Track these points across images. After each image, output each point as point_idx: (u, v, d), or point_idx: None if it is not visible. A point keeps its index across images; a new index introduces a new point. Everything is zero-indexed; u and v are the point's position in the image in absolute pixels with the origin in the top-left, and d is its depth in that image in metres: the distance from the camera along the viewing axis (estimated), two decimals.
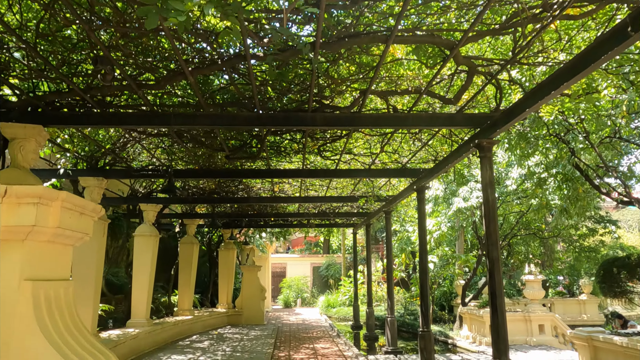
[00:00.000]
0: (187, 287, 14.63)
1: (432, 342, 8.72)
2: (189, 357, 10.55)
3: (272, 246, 26.18)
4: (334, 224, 18.71)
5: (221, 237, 18.75)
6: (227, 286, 17.71)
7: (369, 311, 15.10)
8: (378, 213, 13.56)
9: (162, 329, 11.98)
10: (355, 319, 17.95)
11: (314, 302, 27.52)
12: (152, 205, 11.91)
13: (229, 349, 11.75)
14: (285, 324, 18.29)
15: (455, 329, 15.14)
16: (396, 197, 11.23)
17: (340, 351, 11.90)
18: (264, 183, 11.65)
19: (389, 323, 11.81)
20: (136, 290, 11.43)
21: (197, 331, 14.69)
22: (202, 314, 15.26)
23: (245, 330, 15.48)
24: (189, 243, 14.91)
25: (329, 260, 29.53)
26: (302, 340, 13.82)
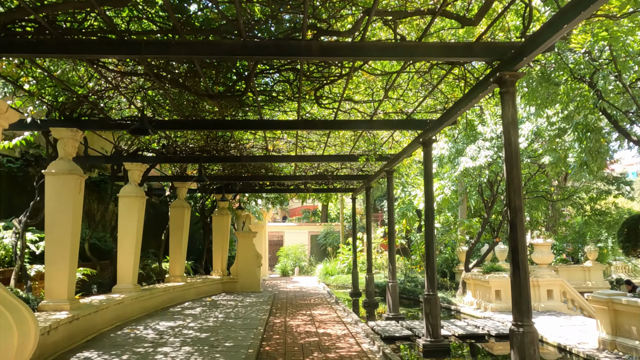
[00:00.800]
0: (178, 253, 13.97)
1: (439, 307, 8.07)
2: (178, 323, 9.94)
3: (269, 214, 25.51)
4: (333, 189, 17.97)
5: (215, 203, 18.03)
6: (222, 253, 17.09)
7: (368, 277, 14.51)
8: (379, 174, 12.77)
9: (150, 295, 11.35)
10: (354, 286, 17.42)
11: (312, 271, 27.08)
12: (137, 165, 11.09)
13: (222, 315, 11.16)
14: (282, 292, 17.77)
15: (458, 295, 14.60)
16: (399, 154, 10.42)
17: (339, 317, 11.32)
18: (257, 140, 10.81)
19: (390, 288, 11.19)
20: (122, 254, 10.73)
21: (189, 298, 14.11)
22: (195, 281, 14.66)
23: (240, 297, 14.92)
24: (179, 207, 14.17)
25: (327, 229, 28.94)
26: (299, 307, 13.25)
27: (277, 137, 10.32)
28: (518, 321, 4.96)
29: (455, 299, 14.09)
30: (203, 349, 7.46)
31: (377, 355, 7.41)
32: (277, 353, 7.66)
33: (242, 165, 13.59)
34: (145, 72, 6.48)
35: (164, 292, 12.28)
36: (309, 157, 11.69)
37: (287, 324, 10.40)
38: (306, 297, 15.76)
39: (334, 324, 10.41)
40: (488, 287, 12.17)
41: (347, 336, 8.96)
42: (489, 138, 11.70)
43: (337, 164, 13.73)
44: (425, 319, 8.09)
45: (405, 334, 9.17)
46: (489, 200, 13.76)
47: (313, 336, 9.00)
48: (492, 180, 13.23)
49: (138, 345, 7.65)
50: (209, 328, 9.35)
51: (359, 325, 9.86)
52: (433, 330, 7.98)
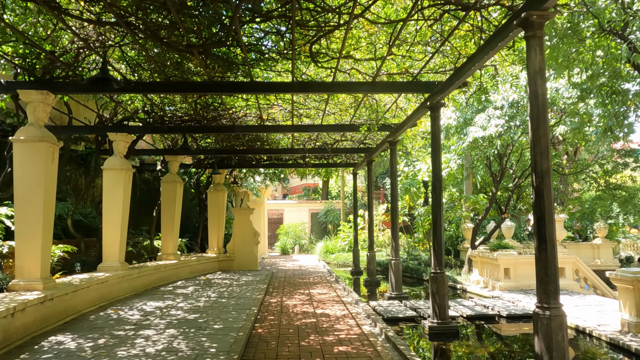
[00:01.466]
0: (171, 229, 13.32)
1: (446, 286, 7.40)
2: (167, 303, 9.33)
3: (268, 191, 24.83)
4: (333, 164, 17.22)
5: (210, 179, 17.32)
6: (217, 230, 16.46)
7: (370, 255, 13.88)
8: (381, 146, 11.99)
9: (139, 273, 10.73)
10: (355, 264, 16.83)
11: (312, 249, 26.54)
12: (122, 135, 10.34)
13: (215, 294, 10.55)
14: (281, 270, 17.20)
15: (463, 273, 13.99)
16: (404, 122, 9.63)
17: (339, 297, 10.71)
18: (249, 107, 10.01)
19: (393, 266, 10.54)
20: (107, 230, 10.07)
21: (183, 277, 13.53)
22: (189, 259, 14.06)
23: (237, 276, 14.34)
24: (171, 182, 13.47)
25: (328, 206, 28.28)
26: (297, 286, 12.66)
27: (271, 103, 9.52)
28: (544, 303, 4.27)
29: (461, 278, 13.48)
30: (189, 331, 6.83)
31: (379, 339, 6.78)
32: (270, 336, 7.03)
33: (236, 137, 12.83)
34: (116, 21, 5.67)
35: (154, 270, 11.66)
36: (306, 127, 10.91)
37: (284, 304, 9.79)
38: (305, 276, 15.18)
39: (333, 303, 9.80)
40: (496, 265, 11.52)
41: (347, 317, 8.33)
42: (499, 106, 10.87)
43: (337, 136, 12.94)
44: (432, 299, 7.43)
45: (410, 314, 8.53)
46: (498, 175, 13.01)
47: (310, 317, 8.38)
48: (502, 152, 12.45)
49: (119, 328, 7.03)
50: (199, 309, 8.73)
51: (360, 305, 9.24)
52: (440, 311, 7.33)
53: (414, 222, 20.16)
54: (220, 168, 16.30)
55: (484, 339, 7.81)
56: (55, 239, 10.63)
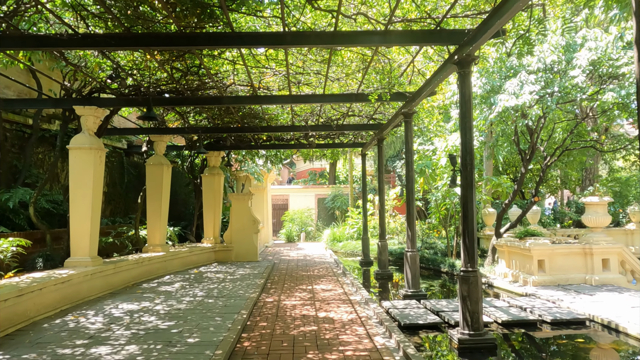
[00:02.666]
0: (157, 217, 11.89)
1: (480, 287, 5.87)
2: (143, 305, 7.91)
3: (271, 175, 23.33)
4: (339, 144, 15.63)
5: (205, 162, 15.83)
6: (214, 218, 15.02)
7: (381, 244, 12.36)
8: (395, 120, 10.38)
9: (115, 269, 9.31)
10: (364, 254, 15.35)
11: (319, 236, 25.11)
12: (91, 109, 8.83)
13: (202, 292, 9.13)
14: (283, 261, 15.77)
15: (487, 264, 12.43)
16: (423, 87, 8.00)
17: (346, 294, 9.23)
18: (237, 74, 8.43)
19: (409, 259, 9.01)
20: (75, 220, 8.65)
21: (173, 270, 12.14)
22: (180, 250, 12.64)
23: (233, 268, 12.92)
24: (157, 164, 11.99)
25: (335, 191, 26.74)
26: (300, 280, 11.20)
27: (262, 66, 7.93)
28: None
29: (484, 270, 11.93)
30: (153, 349, 5.38)
31: (395, 357, 5.28)
32: (258, 353, 5.56)
33: (227, 112, 11.28)
34: None
35: (135, 264, 10.25)
36: (305, 97, 9.32)
37: (281, 305, 8.32)
38: (310, 267, 13.73)
39: (340, 303, 8.32)
40: (528, 256, 9.95)
41: (355, 323, 6.84)
42: (534, 70, 9.17)
43: (343, 110, 11.33)
44: (462, 304, 5.90)
45: (431, 320, 7.00)
46: (527, 152, 11.34)
47: (311, 323, 6.91)
48: (533, 126, 10.79)
49: (68, 343, 5.60)
50: (177, 313, 7.29)
51: (371, 307, 7.75)
52: (472, 320, 5.81)
53: (428, 207, 18.61)
54: (215, 149, 14.81)
55: (531, 357, 6.27)
56: (18, 230, 9.26)
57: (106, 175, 14.02)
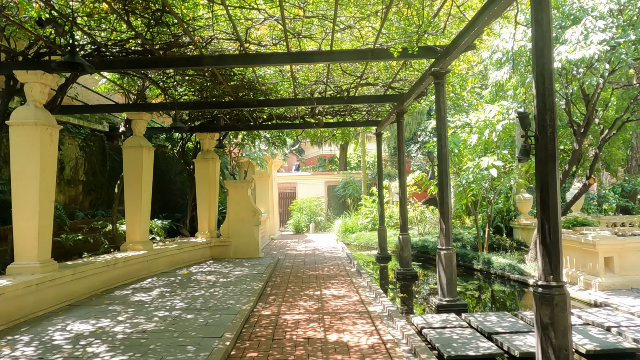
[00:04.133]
0: (137, 209, 10.05)
1: (569, 312, 3.93)
2: (100, 324, 6.10)
3: (276, 161, 21.40)
4: (351, 122, 13.63)
5: (198, 145, 13.96)
6: (208, 209, 13.18)
7: (403, 238, 10.41)
8: (420, 85, 8.35)
9: (75, 275, 7.49)
10: (381, 247, 13.42)
11: (329, 227, 23.23)
12: (36, 75, 6.97)
13: (183, 303, 7.29)
14: (289, 256, 13.91)
15: (528, 260, 10.43)
16: (463, 31, 5.97)
17: (363, 303, 7.34)
18: (216, 20, 6.46)
19: (444, 259, 7.06)
20: (19, 215, 6.85)
21: (157, 271, 10.33)
22: (166, 248, 10.81)
23: (229, 267, 11.08)
24: (135, 147, 10.12)
25: (347, 178, 24.74)
26: (306, 283, 9.32)
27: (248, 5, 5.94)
28: None
29: (527, 267, 9.94)
30: None
31: None
32: None
33: (217, 83, 9.34)
34: None
35: (105, 268, 8.43)
36: (308, 54, 7.31)
37: (280, 321, 6.44)
38: (319, 265, 11.84)
39: (356, 318, 6.42)
40: (591, 252, 7.93)
41: (379, 353, 4.95)
42: (605, 13, 7.08)
43: (356, 76, 9.32)
44: (541, 335, 3.96)
45: (486, 349, 5.03)
46: (582, 124, 9.25)
47: (317, 352, 5.03)
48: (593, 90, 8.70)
49: None
50: (139, 338, 5.45)
51: (397, 324, 5.85)
52: (559, 355, 3.86)
53: None
54: (208, 131, 12.91)
55: None
56: None
57: (84, 161, 12.24)
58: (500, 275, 9.86)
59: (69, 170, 11.69)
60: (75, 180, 11.96)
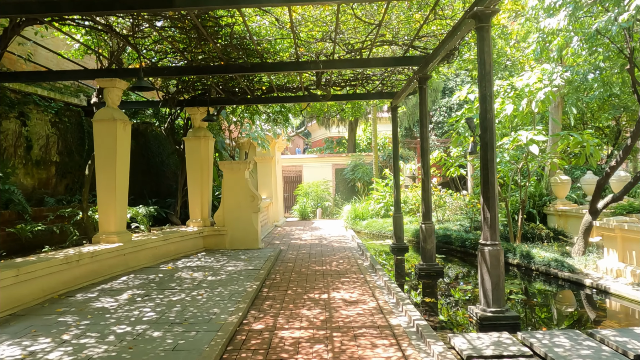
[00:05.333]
0: (111, 194, 8.49)
1: None
2: (38, 345, 4.57)
3: (280, 143, 19.74)
4: (363, 94, 11.90)
5: (189, 122, 12.33)
6: (201, 194, 11.63)
7: (426, 228, 8.77)
8: (455, 34, 6.61)
9: (18, 276, 5.96)
10: (396, 236, 11.82)
11: (337, 213, 21.65)
12: None
13: (156, 312, 5.76)
14: (293, 246, 12.35)
15: (575, 254, 8.76)
16: None
17: (381, 311, 5.75)
18: None
19: (489, 259, 5.42)
20: None
21: (138, 266, 8.82)
22: (148, 239, 9.27)
23: (222, 261, 9.54)
24: (108, 120, 8.51)
25: (356, 160, 23.03)
26: (311, 282, 7.75)
27: None
28: None
29: (575, 262, 8.27)
30: None
31: None
32: None
33: (202, 39, 7.67)
34: None
35: (63, 266, 6.90)
36: None
37: (274, 341, 4.87)
38: (326, 257, 10.28)
39: (375, 336, 4.84)
40: None
41: None
42: None
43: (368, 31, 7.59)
44: None
45: None
46: None
47: None
48: None
49: None
50: None
51: (433, 350, 4.28)
52: None
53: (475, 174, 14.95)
54: (200, 105, 11.28)
55: None
56: None
57: (58, 140, 10.69)
58: (545, 272, 8.21)
59: (37, 149, 10.15)
60: (47, 162, 10.42)
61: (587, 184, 13.14)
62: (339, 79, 10.99)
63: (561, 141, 10.72)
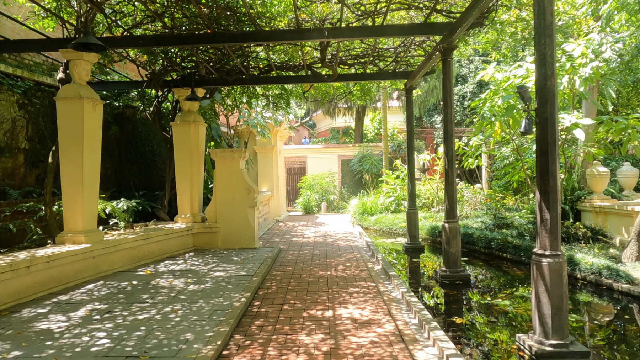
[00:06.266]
0: (78, 187, 7.19)
1: None
2: None
3: (282, 132, 18.35)
4: (373, 74, 10.51)
5: (178, 105, 11.00)
6: (190, 185, 10.33)
7: (449, 227, 7.40)
8: None
9: None
10: (410, 235, 10.47)
11: (344, 207, 20.30)
12: None
13: (110, 340, 4.45)
14: (294, 245, 11.04)
15: (626, 258, 7.37)
16: None
17: (402, 341, 4.43)
18: None
19: (548, 274, 4.07)
20: None
21: (111, 270, 7.55)
22: (124, 238, 7.97)
23: (211, 264, 8.24)
24: (74, 98, 7.18)
25: (363, 151, 21.61)
26: (313, 293, 6.43)
27: None
28: None
29: (628, 268, 6.88)
30: None
31: None
32: None
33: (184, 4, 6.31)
34: None
35: (8, 274, 5.60)
36: None
37: None
38: (331, 259, 8.95)
39: None
40: None
41: None
42: None
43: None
44: None
45: None
46: None
47: None
48: None
49: None
50: None
51: None
52: None
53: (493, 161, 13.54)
54: (189, 86, 9.94)
55: None
56: None
57: (27, 124, 9.40)
58: (595, 283, 6.84)
59: (1, 134, 8.86)
60: (13, 149, 9.14)
61: (624, 177, 11.71)
62: (346, 55, 9.61)
63: (602, 127, 9.26)
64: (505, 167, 12.90)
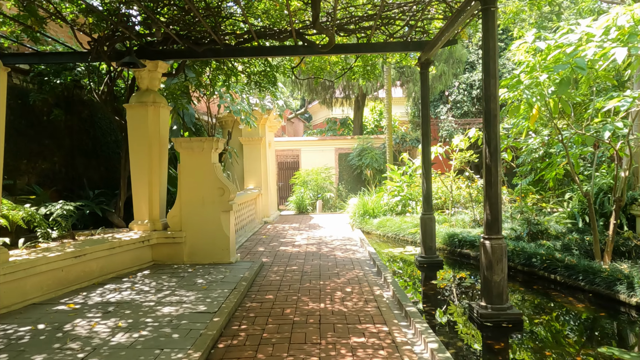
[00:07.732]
0: None
1: None
2: None
3: (272, 121, 16.16)
4: (378, 44, 8.35)
5: (134, 83, 8.81)
6: (149, 184, 8.19)
7: (492, 247, 5.26)
8: None
9: None
10: (425, 246, 8.40)
11: (341, 206, 18.21)
12: None
13: None
14: (281, 258, 8.92)
15: None
16: None
17: None
18: None
19: None
20: None
21: (24, 301, 5.42)
22: (42, 257, 5.81)
23: (165, 290, 6.11)
24: None
25: (363, 144, 19.47)
26: (298, 347, 4.30)
27: None
28: None
29: None
30: None
31: None
32: None
33: None
34: None
35: None
36: None
37: None
38: (326, 281, 6.84)
39: None
40: None
41: None
42: None
43: None
44: None
45: None
46: None
47: None
48: None
49: None
50: None
51: None
52: None
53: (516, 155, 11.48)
54: (149, 58, 7.78)
55: None
56: None
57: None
58: None
59: None
60: None
61: None
62: (346, 17, 7.46)
63: None
64: (532, 161, 10.81)
